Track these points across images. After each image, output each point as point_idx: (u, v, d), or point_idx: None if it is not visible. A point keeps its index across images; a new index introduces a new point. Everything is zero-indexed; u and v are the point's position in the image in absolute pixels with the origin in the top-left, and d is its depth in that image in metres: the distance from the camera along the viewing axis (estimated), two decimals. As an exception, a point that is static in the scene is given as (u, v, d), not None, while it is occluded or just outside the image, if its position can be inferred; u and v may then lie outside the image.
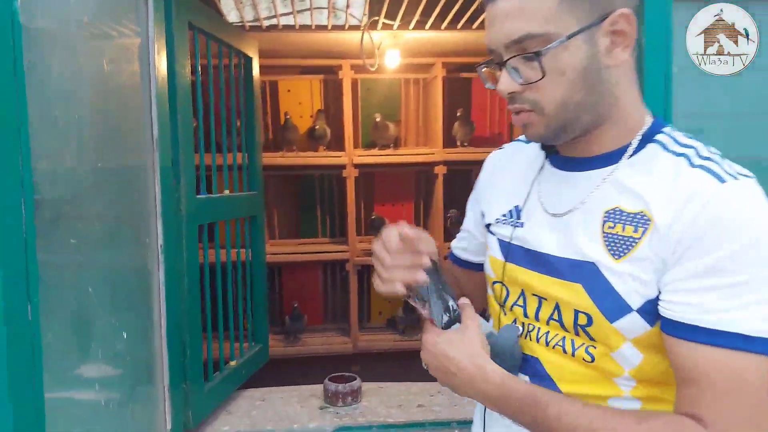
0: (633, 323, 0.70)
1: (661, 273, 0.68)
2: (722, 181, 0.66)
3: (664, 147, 0.73)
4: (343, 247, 3.01)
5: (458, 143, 3.06)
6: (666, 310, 0.67)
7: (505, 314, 0.85)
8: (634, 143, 0.74)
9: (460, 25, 2.57)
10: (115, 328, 1.20)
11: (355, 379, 1.81)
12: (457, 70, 3.13)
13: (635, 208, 0.71)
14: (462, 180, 3.29)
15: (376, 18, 2.47)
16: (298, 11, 2.42)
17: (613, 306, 0.72)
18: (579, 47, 0.70)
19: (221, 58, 1.80)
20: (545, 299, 0.79)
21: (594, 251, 0.74)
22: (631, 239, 0.71)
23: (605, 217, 0.73)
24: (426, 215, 3.36)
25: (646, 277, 0.69)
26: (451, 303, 0.78)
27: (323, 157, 2.95)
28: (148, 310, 1.35)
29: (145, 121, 1.34)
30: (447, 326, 0.77)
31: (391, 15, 2.48)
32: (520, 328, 0.82)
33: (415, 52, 2.96)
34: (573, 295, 0.75)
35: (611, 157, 0.75)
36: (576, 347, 0.76)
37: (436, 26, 2.58)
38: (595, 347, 0.75)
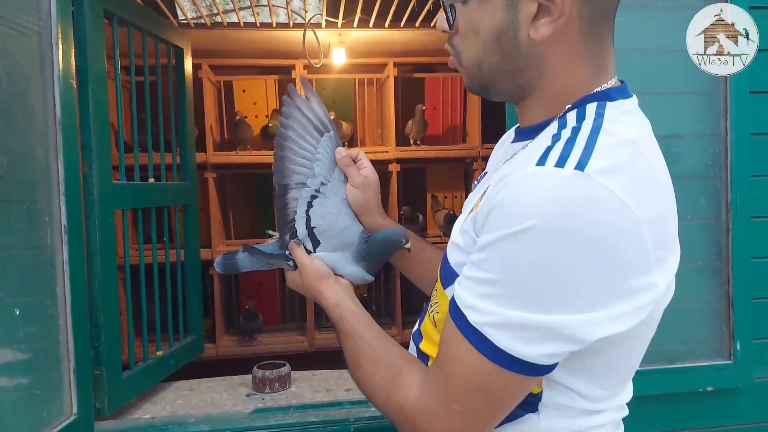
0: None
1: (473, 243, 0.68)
2: (540, 164, 0.61)
3: (561, 124, 0.67)
4: (297, 246, 2.98)
5: (412, 142, 3.06)
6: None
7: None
8: (556, 120, 0.69)
9: (402, 23, 2.57)
10: (5, 306, 1.17)
11: (285, 365, 1.78)
12: (410, 71, 3.14)
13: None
14: (415, 178, 3.29)
15: (318, 14, 2.47)
16: (240, 9, 2.42)
17: (445, 273, 0.76)
18: (496, 9, 0.68)
19: (146, 47, 1.79)
20: None
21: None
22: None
23: (484, 193, 0.71)
24: (382, 214, 3.34)
25: (465, 246, 0.71)
26: (287, 253, 0.97)
27: (276, 156, 2.93)
28: (51, 289, 1.32)
29: (47, 105, 1.33)
30: (296, 268, 0.96)
31: (335, 13, 2.49)
32: (398, 231, 0.95)
33: (366, 52, 2.96)
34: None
35: (532, 132, 0.73)
36: (430, 311, 0.82)
37: (379, 25, 2.58)
38: (438, 312, 0.79)
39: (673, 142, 1.53)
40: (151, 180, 1.78)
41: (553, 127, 0.69)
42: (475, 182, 0.91)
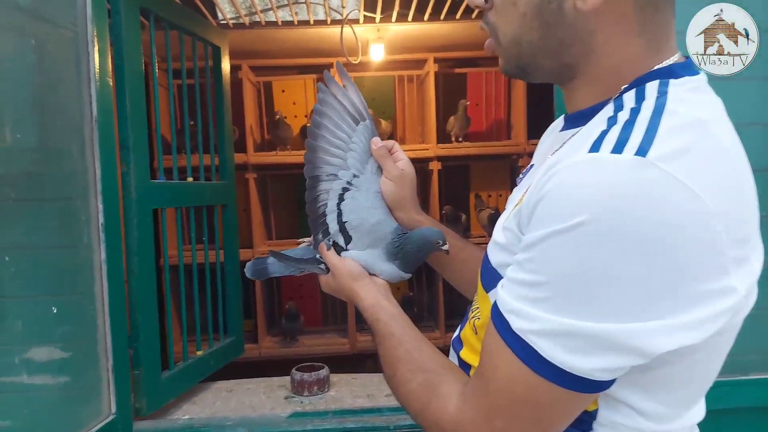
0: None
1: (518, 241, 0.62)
2: (594, 150, 0.53)
3: (617, 106, 0.59)
4: (339, 246, 2.95)
5: (453, 139, 2.98)
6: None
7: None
8: (612, 102, 0.61)
9: (442, 16, 2.50)
10: (42, 306, 1.16)
11: (324, 368, 1.73)
12: (451, 66, 3.07)
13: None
14: (457, 176, 3.21)
15: (356, 9, 2.43)
16: (278, 7, 2.40)
17: (487, 275, 0.69)
18: None
19: (183, 45, 1.77)
20: None
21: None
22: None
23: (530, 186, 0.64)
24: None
25: (508, 245, 0.65)
26: (317, 256, 0.94)
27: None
28: (88, 289, 1.31)
29: (83, 103, 1.32)
30: (328, 271, 0.93)
31: (373, 8, 2.44)
32: (434, 233, 0.90)
33: (405, 47, 2.90)
34: None
35: (584, 117, 0.65)
36: (471, 317, 0.76)
37: (418, 19, 2.52)
38: (479, 318, 0.72)
39: (748, 129, 1.40)
40: (190, 179, 1.77)
41: (608, 110, 0.61)
42: (520, 176, 0.84)
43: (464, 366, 0.74)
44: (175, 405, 1.64)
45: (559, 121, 0.79)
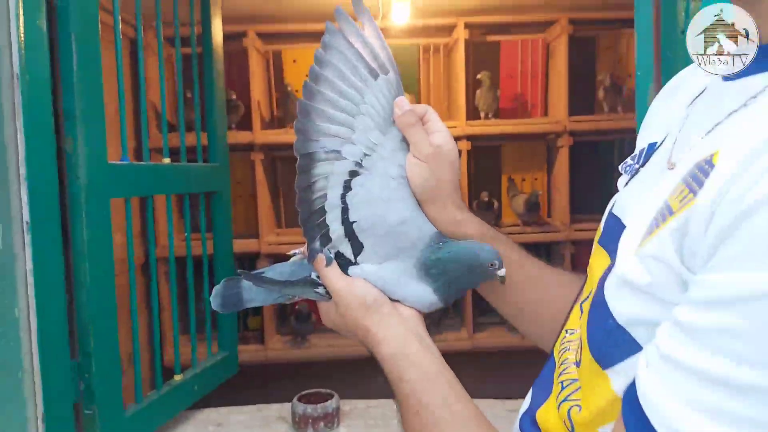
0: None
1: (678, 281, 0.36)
2: None
3: None
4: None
5: (482, 115, 2.56)
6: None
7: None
8: None
9: (478, -32, 2.07)
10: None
11: (332, 397, 1.35)
12: (483, 33, 2.64)
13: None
14: (488, 157, 2.80)
15: (376, -39, 2.01)
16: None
17: (603, 338, 0.43)
18: None
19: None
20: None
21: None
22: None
23: (692, 170, 0.39)
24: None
25: (653, 286, 0.38)
26: (313, 275, 0.64)
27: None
28: (7, 311, 0.93)
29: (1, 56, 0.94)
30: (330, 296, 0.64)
31: (396, -41, 2.02)
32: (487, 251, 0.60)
33: (431, 11, 2.48)
34: None
35: None
36: (561, 398, 0.48)
37: (449, -29, 2.09)
38: (580, 407, 0.45)
39: None
40: (166, 161, 1.38)
41: None
42: (629, 163, 0.57)
43: None
44: (146, 444, 1.28)
45: (709, 65, 0.49)
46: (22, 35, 0.95)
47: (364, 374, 1.51)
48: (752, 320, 0.30)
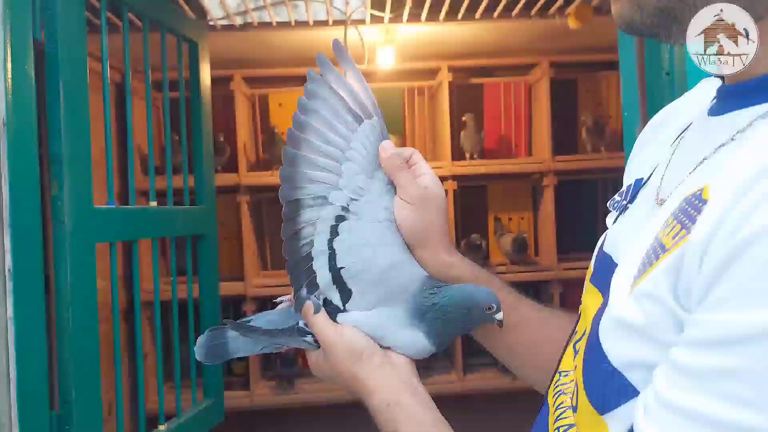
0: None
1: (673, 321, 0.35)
2: None
3: None
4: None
5: (467, 156, 2.59)
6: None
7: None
8: None
9: (460, 16, 2.12)
10: None
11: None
12: (467, 76, 2.69)
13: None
14: (474, 197, 2.81)
15: (362, 8, 2.06)
16: (272, 4, 2.02)
17: (600, 383, 0.41)
18: None
19: (147, 37, 1.38)
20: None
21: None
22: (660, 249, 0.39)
23: (682, 205, 0.39)
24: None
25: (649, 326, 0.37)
26: (300, 323, 0.63)
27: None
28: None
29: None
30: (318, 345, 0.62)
31: (381, 6, 2.06)
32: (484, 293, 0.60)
33: (416, 54, 2.52)
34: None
35: (761, 89, 0.42)
36: None
37: (433, 18, 2.14)
38: None
39: None
40: (153, 204, 1.37)
41: None
42: (617, 200, 0.57)
43: None
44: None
45: (698, 99, 0.53)
46: (9, 81, 0.94)
47: (353, 420, 1.47)
48: (753, 361, 0.30)
